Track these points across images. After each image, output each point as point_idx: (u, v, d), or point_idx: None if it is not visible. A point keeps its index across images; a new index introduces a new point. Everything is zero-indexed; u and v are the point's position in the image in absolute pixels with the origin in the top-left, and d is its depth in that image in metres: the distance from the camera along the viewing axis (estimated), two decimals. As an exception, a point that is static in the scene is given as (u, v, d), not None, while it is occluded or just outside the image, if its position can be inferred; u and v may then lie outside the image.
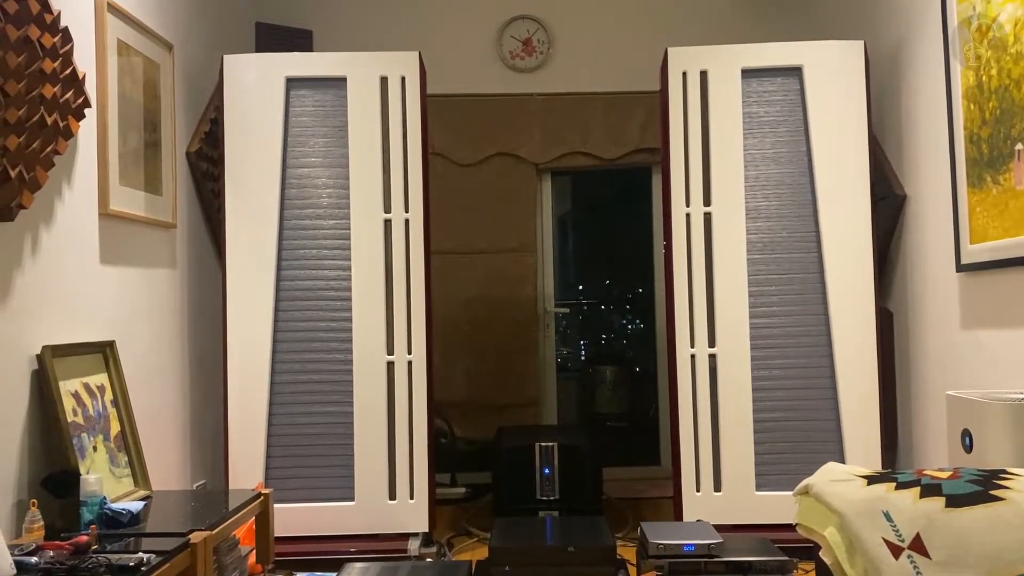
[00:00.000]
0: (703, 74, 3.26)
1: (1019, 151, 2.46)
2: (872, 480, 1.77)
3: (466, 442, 4.52)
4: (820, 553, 1.71)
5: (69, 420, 2.26)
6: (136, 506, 2.21)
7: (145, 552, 1.92)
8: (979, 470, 1.79)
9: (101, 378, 2.51)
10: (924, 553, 1.59)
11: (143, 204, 2.88)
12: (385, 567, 2.72)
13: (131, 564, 1.82)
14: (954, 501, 1.67)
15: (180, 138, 3.23)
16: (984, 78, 2.64)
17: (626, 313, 4.90)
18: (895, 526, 1.64)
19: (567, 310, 4.76)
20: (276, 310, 3.20)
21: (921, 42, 3.12)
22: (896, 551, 1.60)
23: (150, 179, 2.93)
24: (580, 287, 4.86)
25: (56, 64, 2.26)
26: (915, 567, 1.57)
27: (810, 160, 3.22)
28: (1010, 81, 2.49)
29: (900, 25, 3.29)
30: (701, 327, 3.22)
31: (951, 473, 1.78)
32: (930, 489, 1.71)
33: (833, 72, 3.21)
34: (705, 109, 3.26)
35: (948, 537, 1.61)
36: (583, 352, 4.90)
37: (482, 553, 3.29)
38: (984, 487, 1.70)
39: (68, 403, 2.28)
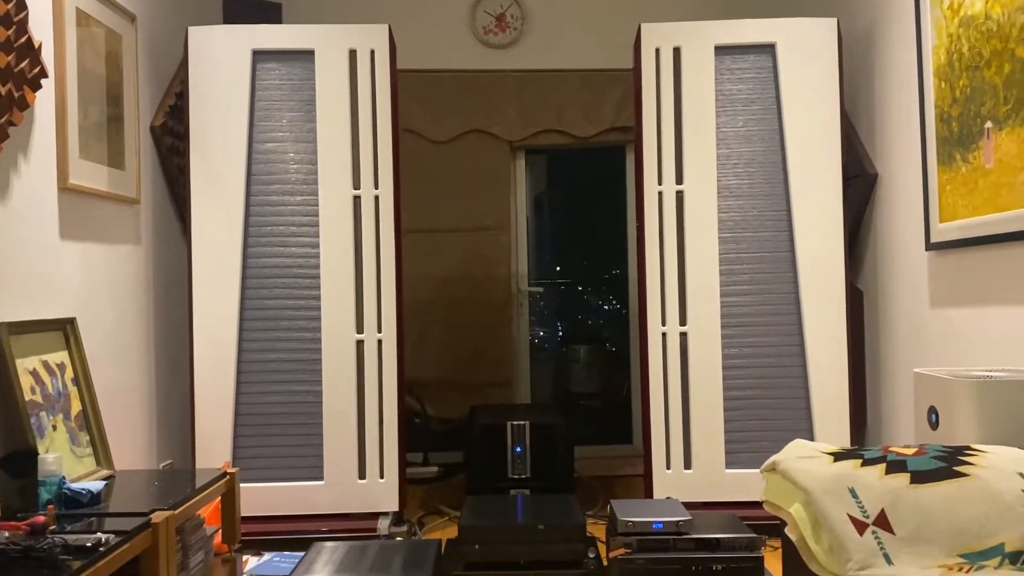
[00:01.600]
0: (676, 51, 3.23)
1: (988, 129, 2.46)
2: (838, 457, 1.77)
3: (439, 422, 4.50)
4: (786, 530, 1.71)
5: (27, 399, 2.21)
6: (96, 486, 2.17)
7: (105, 532, 1.88)
8: (944, 447, 1.79)
9: (61, 356, 2.45)
10: (888, 529, 1.59)
11: (106, 179, 2.81)
12: (354, 546, 2.70)
13: (88, 544, 1.78)
14: (919, 477, 1.67)
15: (144, 112, 3.16)
16: (955, 56, 2.63)
17: (600, 293, 4.89)
18: (860, 502, 1.64)
19: (541, 290, 4.74)
20: (243, 288, 3.15)
21: (894, 20, 3.11)
22: (861, 527, 1.60)
23: (113, 154, 2.87)
24: (556, 268, 4.84)
25: (10, 32, 2.19)
26: (879, 543, 1.57)
27: (782, 138, 3.21)
28: (980, 59, 2.49)
29: (873, 3, 3.27)
30: (672, 305, 3.21)
31: (916, 450, 1.78)
32: (896, 466, 1.71)
33: (806, 49, 3.20)
34: (678, 86, 3.23)
35: (912, 513, 1.61)
36: (558, 332, 4.89)
37: (453, 532, 3.27)
38: (948, 463, 1.70)
39: (26, 381, 2.23)
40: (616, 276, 4.79)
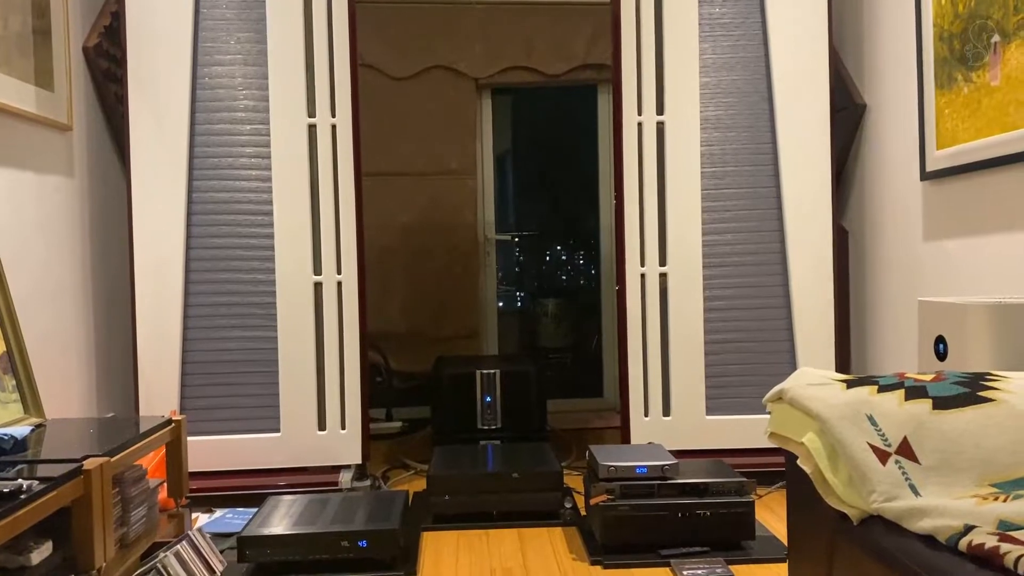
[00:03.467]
0: (657, -30, 3.02)
1: (995, 44, 2.30)
2: (851, 384, 1.60)
3: (403, 378, 4.30)
4: (798, 462, 1.54)
5: (-61, 335, 1.95)
6: (22, 431, 1.93)
7: (29, 479, 1.65)
8: (964, 373, 1.64)
9: (-19, 291, 2.19)
10: (913, 458, 1.43)
11: (33, 99, 2.53)
12: (314, 499, 2.50)
13: (7, 491, 1.55)
14: (942, 403, 1.51)
15: (75, 30, 2.87)
16: (958, -32, 2.45)
17: (569, 245, 4.70)
18: (880, 430, 1.47)
19: (509, 237, 4.53)
20: (189, 225, 2.90)
21: (887, -61, 2.93)
22: (883, 456, 1.43)
23: (40, 72, 2.58)
24: (524, 218, 4.63)
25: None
26: (904, 473, 1.41)
27: (768, 66, 3.03)
28: (988, -32, 2.31)
29: (864, -77, 3.09)
30: (652, 244, 3.03)
31: (934, 376, 1.62)
32: (915, 391, 1.54)
33: (794, -29, 3.00)
34: (659, 7, 3.02)
35: (938, 441, 1.45)
36: (524, 284, 4.69)
37: (419, 486, 3.09)
38: (972, 389, 1.55)
39: (-62, 316, 1.97)
40: (583, 226, 4.60)
